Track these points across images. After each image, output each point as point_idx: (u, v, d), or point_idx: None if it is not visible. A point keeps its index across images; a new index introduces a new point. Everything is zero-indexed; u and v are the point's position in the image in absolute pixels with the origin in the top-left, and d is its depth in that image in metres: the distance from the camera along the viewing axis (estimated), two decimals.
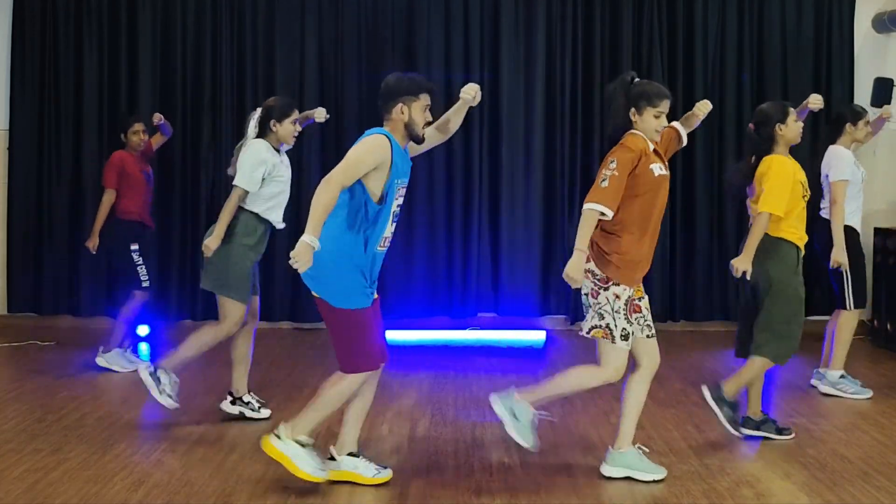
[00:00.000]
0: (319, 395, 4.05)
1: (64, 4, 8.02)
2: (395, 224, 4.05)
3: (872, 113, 7.94)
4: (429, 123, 4.08)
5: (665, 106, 4.09)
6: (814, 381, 5.89)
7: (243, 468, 4.37)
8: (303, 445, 4.03)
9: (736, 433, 4.75)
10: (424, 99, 4.03)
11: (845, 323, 5.79)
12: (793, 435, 4.87)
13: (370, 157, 3.89)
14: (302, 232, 3.75)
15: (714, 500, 4.01)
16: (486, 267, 8.08)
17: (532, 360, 7.00)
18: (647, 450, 4.32)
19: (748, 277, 4.69)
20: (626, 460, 4.22)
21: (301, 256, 3.69)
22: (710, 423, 5.12)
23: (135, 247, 6.44)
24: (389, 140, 3.96)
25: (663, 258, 7.86)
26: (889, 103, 7.87)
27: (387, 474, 4.16)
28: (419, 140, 4.06)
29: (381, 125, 4.07)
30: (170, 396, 5.02)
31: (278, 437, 4.03)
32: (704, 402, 4.76)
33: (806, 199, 4.87)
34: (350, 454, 4.17)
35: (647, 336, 4.21)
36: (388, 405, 5.41)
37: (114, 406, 5.50)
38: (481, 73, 8.02)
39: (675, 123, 4.36)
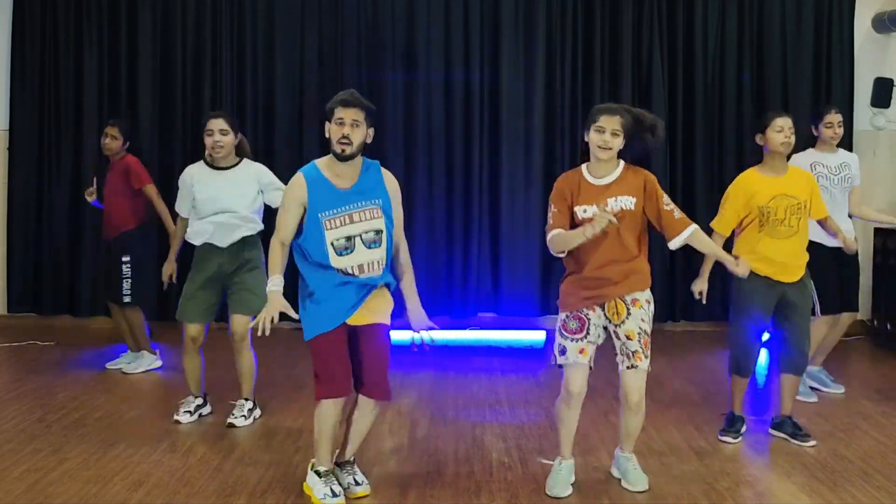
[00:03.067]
0: None
1: (64, 4, 8.02)
2: (345, 255, 3.89)
3: (872, 111, 7.97)
4: (345, 137, 3.89)
5: (604, 120, 3.93)
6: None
7: (243, 468, 4.38)
8: (318, 474, 4.01)
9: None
10: (337, 113, 3.92)
11: (816, 329, 5.70)
12: (813, 443, 4.78)
13: (287, 201, 3.96)
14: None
15: (714, 500, 4.01)
16: (486, 267, 8.08)
17: (532, 360, 7.00)
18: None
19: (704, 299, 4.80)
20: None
21: (270, 307, 3.90)
22: (710, 423, 5.13)
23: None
24: (304, 176, 3.93)
25: (663, 259, 7.85)
26: (889, 104, 7.89)
27: (332, 501, 3.93)
28: (339, 157, 3.90)
29: (376, 129, 4.07)
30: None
31: (308, 471, 4.11)
32: (705, 402, 4.75)
33: (774, 219, 4.72)
34: (338, 463, 4.17)
35: (627, 367, 4.06)
36: (388, 405, 5.40)
37: (114, 406, 5.50)
38: (481, 73, 8.02)
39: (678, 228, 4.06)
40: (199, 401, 5.29)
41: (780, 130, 4.72)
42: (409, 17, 8.02)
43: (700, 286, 4.83)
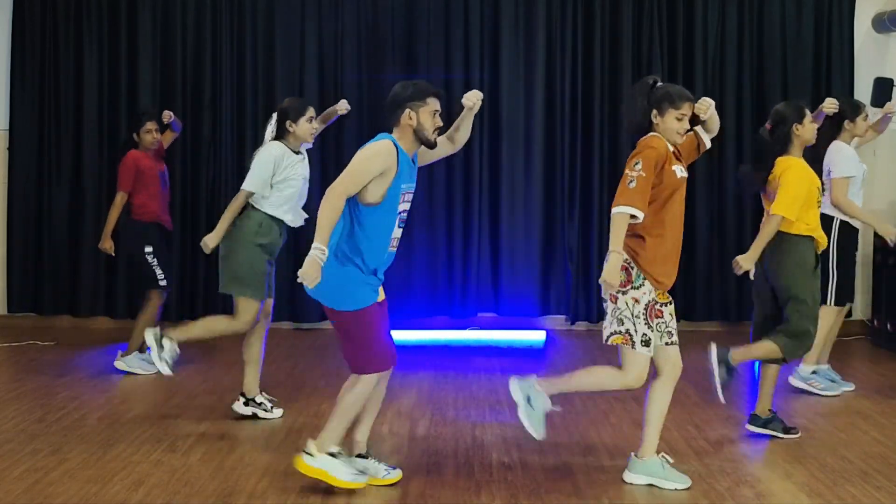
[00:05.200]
0: (338, 403, 4.04)
1: (64, 4, 8.02)
2: (402, 227, 4.05)
3: (872, 111, 7.97)
4: (440, 128, 4.05)
5: (687, 108, 4.07)
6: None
7: (243, 468, 4.38)
8: (334, 456, 4.01)
9: (721, 398, 4.78)
10: (432, 104, 4.02)
11: (823, 319, 5.74)
12: (798, 434, 4.87)
13: (375, 163, 3.87)
14: (308, 234, 3.79)
15: (714, 500, 4.01)
16: (486, 267, 8.08)
17: (532, 360, 7.00)
18: (671, 460, 4.24)
19: (751, 277, 4.69)
20: (649, 468, 4.17)
21: (307, 273, 3.69)
22: (710, 423, 5.13)
23: (149, 249, 6.35)
24: (396, 146, 3.96)
25: None
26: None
27: (362, 480, 4.01)
28: (431, 145, 4.05)
29: (375, 128, 4.10)
30: (167, 363, 5.05)
31: (310, 454, 4.01)
32: (705, 402, 4.75)
33: (820, 202, 4.91)
34: (358, 455, 4.17)
35: (667, 343, 4.10)
36: (388, 405, 5.38)
37: (114, 406, 5.50)
38: (481, 73, 8.02)
39: (696, 128, 4.28)
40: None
41: (812, 122, 4.93)
42: (409, 17, 8.02)
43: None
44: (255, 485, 4.15)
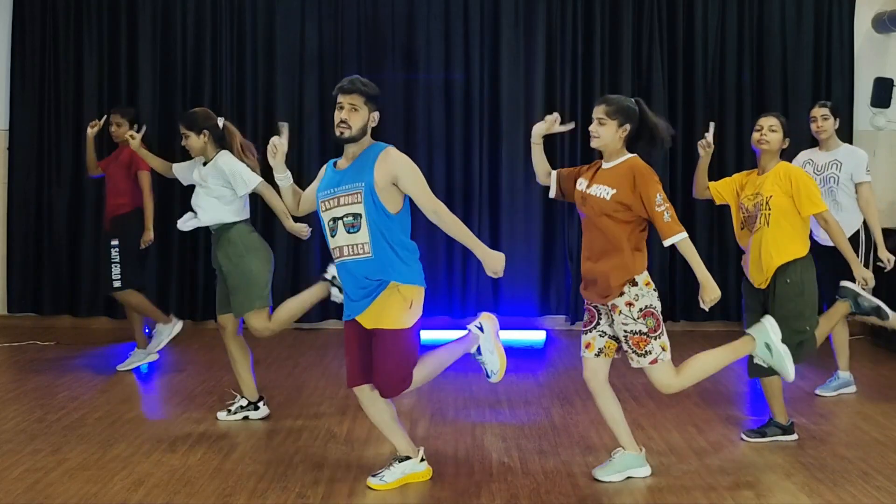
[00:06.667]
0: None
1: (64, 4, 8.02)
2: (333, 237, 4.02)
3: (872, 112, 7.96)
4: (342, 121, 3.97)
5: (594, 111, 4.22)
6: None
7: (243, 468, 4.38)
8: (401, 461, 4.24)
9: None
10: (337, 99, 4.01)
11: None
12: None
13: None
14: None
15: (714, 500, 4.01)
16: None
17: (532, 360, 7.00)
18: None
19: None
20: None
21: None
22: (710, 423, 5.13)
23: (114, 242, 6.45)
24: (330, 161, 4.18)
25: (663, 259, 7.86)
26: (889, 104, 7.89)
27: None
28: (338, 139, 4.02)
29: (376, 128, 4.13)
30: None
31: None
32: (705, 402, 4.73)
33: (745, 215, 4.78)
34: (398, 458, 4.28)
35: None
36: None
37: (114, 406, 5.50)
38: (481, 73, 8.02)
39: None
40: (243, 401, 5.23)
41: (758, 129, 4.76)
42: (409, 17, 8.02)
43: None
44: (255, 485, 4.15)
